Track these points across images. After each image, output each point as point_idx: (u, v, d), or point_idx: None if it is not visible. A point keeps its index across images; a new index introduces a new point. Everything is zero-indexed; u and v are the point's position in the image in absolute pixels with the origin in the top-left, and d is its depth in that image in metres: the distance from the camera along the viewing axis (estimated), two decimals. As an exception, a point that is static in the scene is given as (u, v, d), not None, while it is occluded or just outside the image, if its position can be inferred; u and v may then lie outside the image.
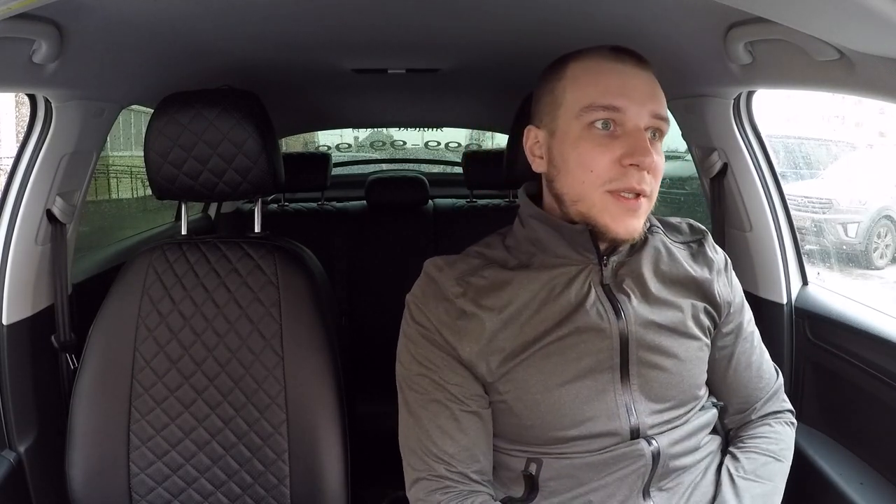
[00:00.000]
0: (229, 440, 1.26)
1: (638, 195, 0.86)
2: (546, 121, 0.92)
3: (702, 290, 0.96)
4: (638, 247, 0.95)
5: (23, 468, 1.27)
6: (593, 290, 0.91)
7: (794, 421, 1.07)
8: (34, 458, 1.29)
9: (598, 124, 0.86)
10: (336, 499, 1.22)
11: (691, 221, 1.04)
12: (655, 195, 0.89)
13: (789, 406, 1.07)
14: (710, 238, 1.02)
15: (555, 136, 0.91)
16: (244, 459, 1.25)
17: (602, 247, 0.91)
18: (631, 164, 0.84)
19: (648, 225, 0.97)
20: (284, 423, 1.24)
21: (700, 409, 0.96)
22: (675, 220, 1.03)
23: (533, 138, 0.95)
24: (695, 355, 0.94)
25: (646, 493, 0.90)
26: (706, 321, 0.96)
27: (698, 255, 0.99)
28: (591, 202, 0.87)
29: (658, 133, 0.89)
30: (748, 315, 1.04)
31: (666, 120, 0.88)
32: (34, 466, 1.28)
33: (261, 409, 1.25)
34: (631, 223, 0.87)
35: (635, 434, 0.88)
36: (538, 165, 0.94)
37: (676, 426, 0.92)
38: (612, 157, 0.85)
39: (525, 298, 0.90)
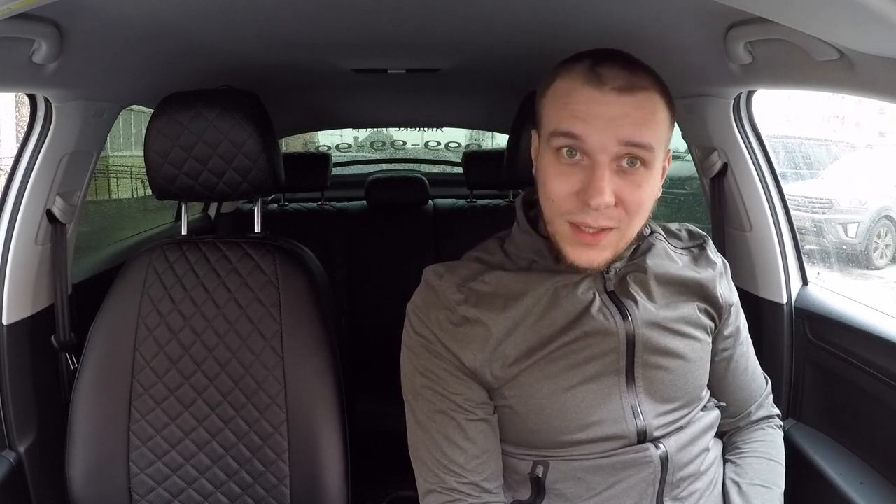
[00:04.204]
0: (229, 440, 1.26)
1: (597, 230, 0.82)
2: (536, 134, 0.91)
3: (704, 292, 0.96)
4: (641, 251, 0.95)
5: (23, 468, 1.27)
6: (598, 297, 0.90)
7: (781, 424, 1.09)
8: (34, 458, 1.28)
9: (565, 151, 0.82)
10: (336, 499, 1.22)
11: (690, 227, 1.03)
12: (630, 228, 0.84)
13: (777, 411, 1.09)
14: (710, 243, 1.02)
15: (538, 152, 0.89)
16: (244, 459, 1.25)
17: None
18: (585, 202, 0.80)
19: (651, 231, 0.97)
20: (284, 423, 1.24)
21: (702, 410, 0.96)
22: (674, 226, 1.03)
23: (535, 143, 0.93)
24: (698, 356, 0.94)
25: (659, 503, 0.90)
26: (707, 322, 0.96)
27: (700, 258, 0.99)
28: (556, 228, 0.86)
29: (640, 161, 0.81)
30: (743, 319, 1.04)
31: (645, 147, 0.80)
32: (34, 466, 1.28)
33: (261, 409, 1.25)
34: (588, 255, 0.84)
35: (642, 437, 0.88)
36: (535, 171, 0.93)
37: (682, 427, 0.92)
38: (571, 190, 0.82)
39: (529, 303, 0.89)
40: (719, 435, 1.03)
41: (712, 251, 1.01)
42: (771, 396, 1.09)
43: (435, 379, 0.90)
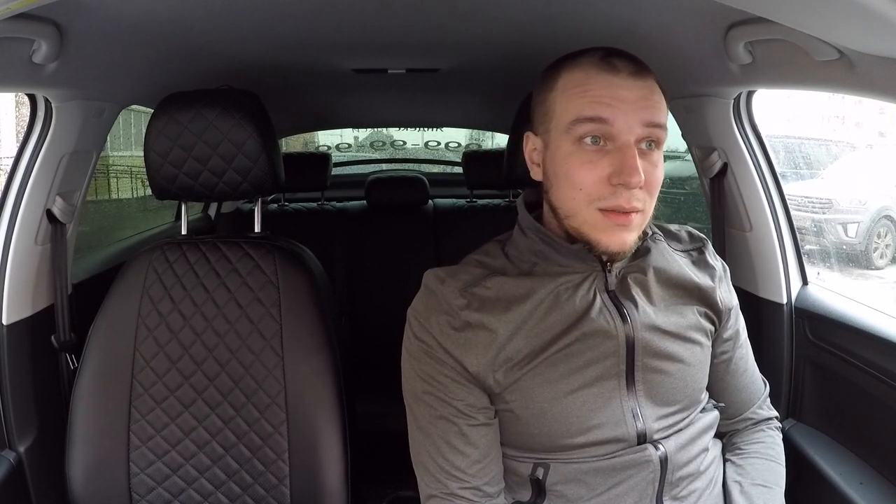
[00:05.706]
0: (229, 440, 1.26)
1: (629, 212, 0.83)
2: (541, 131, 0.91)
3: (704, 296, 0.96)
4: (642, 252, 0.95)
5: (23, 468, 1.27)
6: (599, 297, 0.90)
7: (780, 426, 1.10)
8: (34, 458, 1.29)
9: (588, 139, 0.83)
10: (336, 499, 1.22)
11: (690, 229, 1.04)
12: (651, 209, 0.86)
13: (776, 413, 1.09)
14: (709, 246, 1.02)
15: (548, 148, 0.89)
16: (244, 459, 1.25)
17: (604, 257, 0.89)
18: (619, 184, 0.82)
19: (650, 232, 0.97)
20: (284, 423, 1.24)
21: (701, 411, 0.97)
22: (674, 227, 1.03)
23: (531, 145, 0.93)
24: (698, 359, 0.94)
25: (659, 502, 0.90)
26: (707, 325, 0.97)
27: (699, 262, 0.99)
28: (582, 219, 0.85)
29: (654, 143, 0.85)
30: (742, 321, 1.04)
31: (661, 127, 0.84)
32: (34, 466, 1.28)
33: (261, 409, 1.25)
34: (622, 237, 0.84)
35: (642, 439, 0.88)
36: (536, 174, 0.93)
37: (681, 429, 0.92)
38: (601, 175, 0.83)
39: (531, 307, 0.89)
40: (718, 436, 1.03)
41: (711, 255, 1.01)
42: (769, 399, 1.09)
43: (436, 384, 0.89)
